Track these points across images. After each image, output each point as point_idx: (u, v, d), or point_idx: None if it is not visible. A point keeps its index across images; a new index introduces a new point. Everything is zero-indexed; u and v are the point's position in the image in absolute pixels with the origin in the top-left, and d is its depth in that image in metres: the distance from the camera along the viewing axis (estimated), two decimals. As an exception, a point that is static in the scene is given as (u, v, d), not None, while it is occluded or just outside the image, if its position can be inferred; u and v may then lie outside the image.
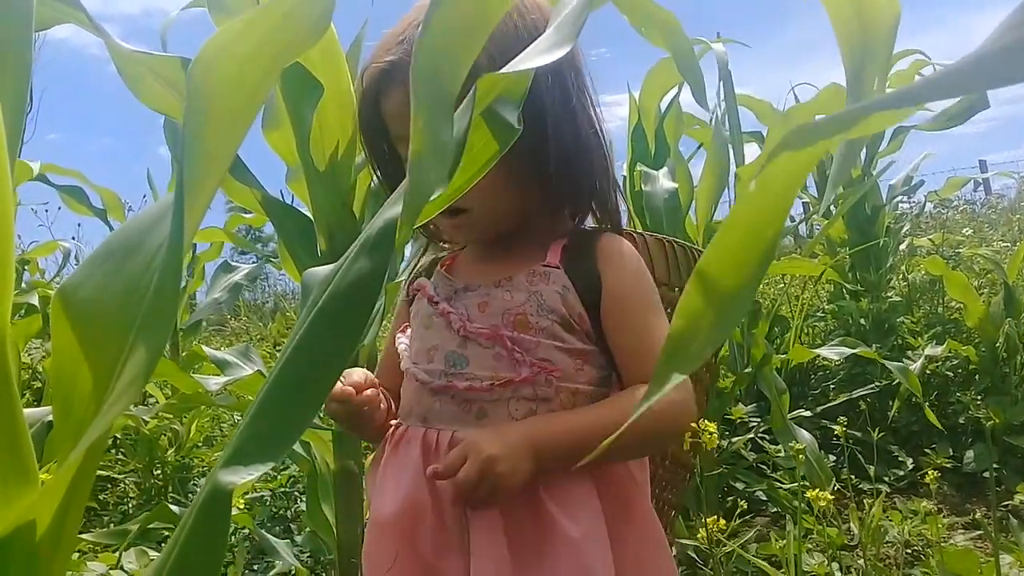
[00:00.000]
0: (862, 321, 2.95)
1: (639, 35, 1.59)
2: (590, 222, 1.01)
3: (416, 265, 1.06)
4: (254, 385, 1.51)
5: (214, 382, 1.42)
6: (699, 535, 1.17)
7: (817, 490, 1.20)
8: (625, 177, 2.40)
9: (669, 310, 1.03)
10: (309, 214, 1.46)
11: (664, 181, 2.08)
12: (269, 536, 1.62)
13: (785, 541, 1.33)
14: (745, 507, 1.58)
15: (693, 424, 1.02)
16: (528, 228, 0.96)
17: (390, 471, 0.90)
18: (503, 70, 0.43)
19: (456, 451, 0.79)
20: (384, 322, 1.67)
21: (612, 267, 0.91)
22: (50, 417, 1.45)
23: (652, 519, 0.92)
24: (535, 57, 0.42)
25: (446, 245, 1.05)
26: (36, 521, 0.38)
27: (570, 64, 0.93)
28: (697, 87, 1.73)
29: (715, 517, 1.18)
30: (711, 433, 1.03)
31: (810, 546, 1.66)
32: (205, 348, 1.51)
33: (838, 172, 0.54)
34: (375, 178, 1.03)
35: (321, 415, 1.37)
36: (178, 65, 1.15)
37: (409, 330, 0.98)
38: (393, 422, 0.94)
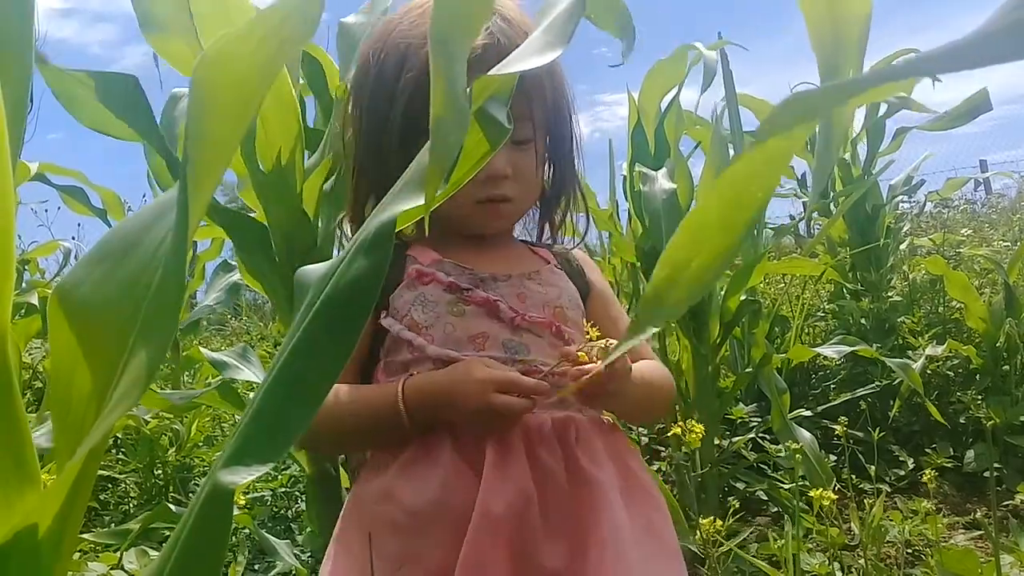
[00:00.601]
0: (863, 321, 2.95)
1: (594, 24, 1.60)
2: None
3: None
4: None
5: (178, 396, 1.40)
6: (696, 535, 1.17)
7: (820, 490, 1.20)
8: (625, 177, 2.40)
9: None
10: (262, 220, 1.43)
11: (663, 181, 2.08)
12: (270, 536, 1.62)
13: (784, 541, 1.33)
14: (744, 507, 1.58)
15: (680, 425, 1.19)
16: (511, 230, 1.06)
17: (494, 462, 0.83)
18: (493, 71, 0.44)
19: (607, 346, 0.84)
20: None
21: (592, 270, 1.06)
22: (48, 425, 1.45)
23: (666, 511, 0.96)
24: (526, 59, 0.42)
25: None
26: (38, 524, 0.38)
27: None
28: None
29: (712, 518, 1.18)
30: (696, 433, 1.12)
31: (811, 546, 1.66)
32: (203, 349, 1.51)
33: (820, 164, 0.54)
34: (355, 175, 1.00)
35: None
36: (112, 80, 1.14)
37: (404, 315, 0.91)
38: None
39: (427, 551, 0.82)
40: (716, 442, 2.14)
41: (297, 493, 2.26)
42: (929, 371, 2.51)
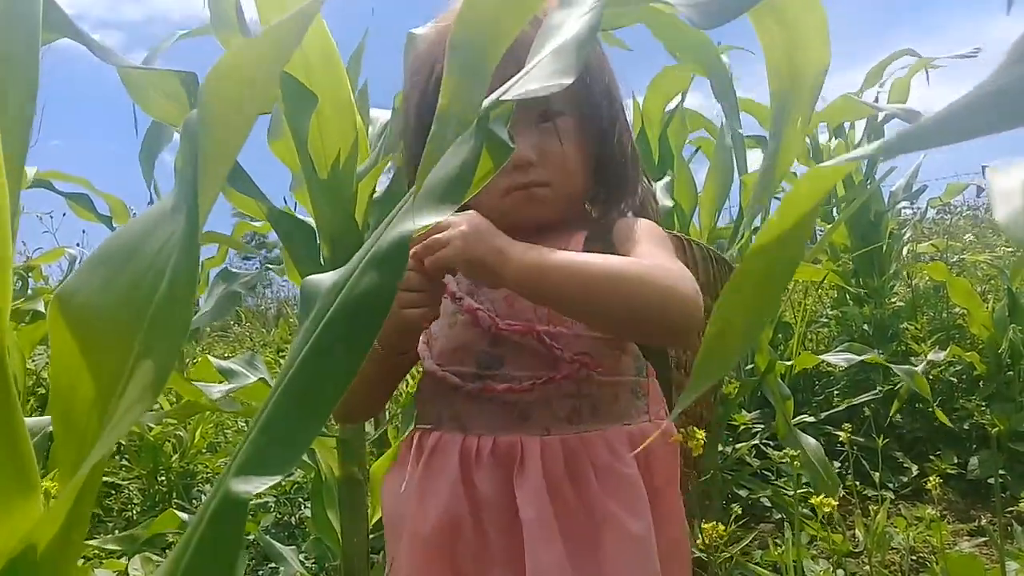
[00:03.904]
0: (865, 327, 2.94)
1: (673, 58, 1.65)
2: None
3: None
4: (257, 391, 1.51)
5: (217, 389, 1.43)
6: (698, 541, 1.17)
7: (822, 496, 1.20)
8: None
9: (706, 316, 1.05)
10: (312, 222, 1.46)
11: (661, 199, 2.08)
12: (274, 542, 1.61)
13: (786, 547, 1.32)
14: (747, 513, 1.57)
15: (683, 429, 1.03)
16: (564, 220, 0.92)
17: (426, 482, 0.83)
18: (500, 96, 0.43)
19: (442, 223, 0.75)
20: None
21: (624, 235, 0.89)
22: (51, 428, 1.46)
23: (683, 520, 0.91)
24: (531, 83, 0.41)
25: None
26: (41, 540, 0.38)
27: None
28: (732, 111, 1.77)
29: (714, 523, 1.18)
30: (698, 439, 1.03)
31: (815, 553, 1.66)
32: (210, 358, 1.52)
33: (757, 195, 0.58)
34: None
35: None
36: (174, 79, 1.27)
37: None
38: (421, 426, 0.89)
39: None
40: (719, 448, 2.14)
41: (301, 500, 2.26)
42: (932, 377, 2.51)
